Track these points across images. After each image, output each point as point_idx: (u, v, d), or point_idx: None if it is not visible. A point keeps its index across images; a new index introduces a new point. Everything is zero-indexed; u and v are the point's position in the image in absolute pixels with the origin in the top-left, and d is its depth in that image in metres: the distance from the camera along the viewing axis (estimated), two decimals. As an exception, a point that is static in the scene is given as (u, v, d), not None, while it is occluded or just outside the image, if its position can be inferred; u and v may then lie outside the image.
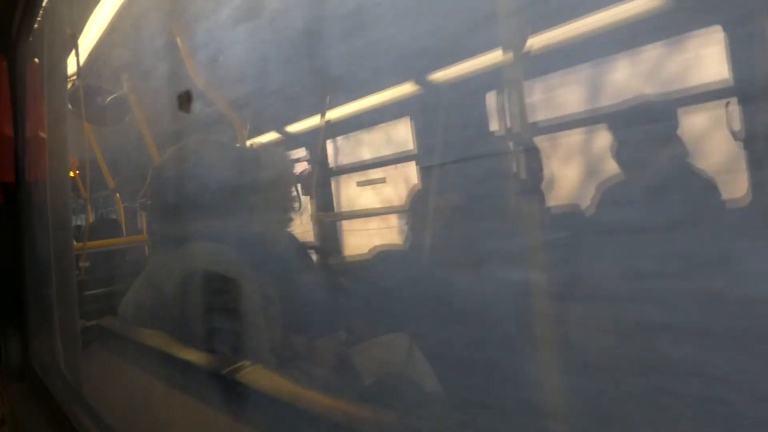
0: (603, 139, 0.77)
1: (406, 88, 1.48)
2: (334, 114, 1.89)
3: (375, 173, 1.74)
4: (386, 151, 1.66)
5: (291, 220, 1.42)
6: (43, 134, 1.50)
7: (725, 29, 0.60)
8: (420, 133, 1.52)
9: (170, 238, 1.38)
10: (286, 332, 1.46)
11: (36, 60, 1.53)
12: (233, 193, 1.35)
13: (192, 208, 1.34)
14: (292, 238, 1.53)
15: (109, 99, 3.26)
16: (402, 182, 1.59)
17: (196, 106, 1.45)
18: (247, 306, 1.25)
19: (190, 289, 1.27)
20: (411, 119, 1.56)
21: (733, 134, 0.56)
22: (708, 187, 0.60)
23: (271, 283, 1.40)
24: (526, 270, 0.65)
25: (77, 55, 1.71)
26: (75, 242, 2.29)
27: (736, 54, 0.60)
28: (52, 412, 1.35)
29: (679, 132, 0.66)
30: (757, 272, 0.45)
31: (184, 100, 1.35)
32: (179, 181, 1.37)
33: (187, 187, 1.35)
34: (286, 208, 1.41)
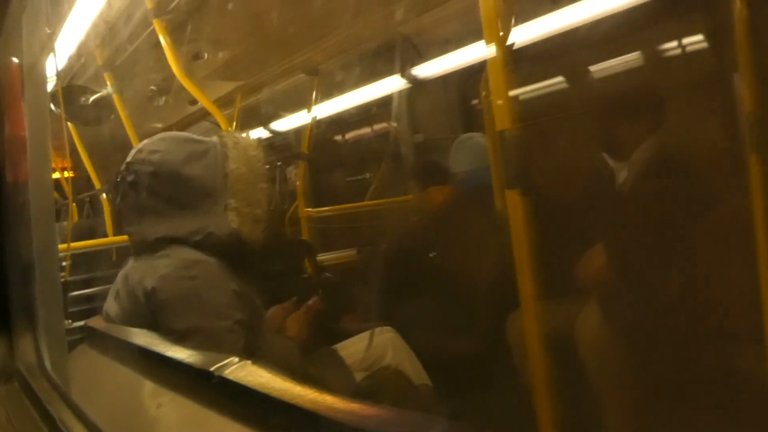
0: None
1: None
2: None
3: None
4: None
5: (263, 216, 1.41)
6: (23, 133, 1.49)
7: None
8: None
9: (140, 240, 1.40)
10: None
11: (14, 59, 1.52)
12: (201, 191, 1.36)
13: (158, 208, 1.36)
14: (270, 235, 1.52)
15: (92, 98, 3.23)
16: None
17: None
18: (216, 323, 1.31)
19: (161, 304, 1.30)
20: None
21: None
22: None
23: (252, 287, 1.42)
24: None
25: (55, 55, 1.68)
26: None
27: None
28: (38, 414, 1.33)
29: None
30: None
31: (156, 93, 1.41)
32: (143, 180, 1.37)
33: (152, 187, 1.37)
34: (257, 204, 1.39)
